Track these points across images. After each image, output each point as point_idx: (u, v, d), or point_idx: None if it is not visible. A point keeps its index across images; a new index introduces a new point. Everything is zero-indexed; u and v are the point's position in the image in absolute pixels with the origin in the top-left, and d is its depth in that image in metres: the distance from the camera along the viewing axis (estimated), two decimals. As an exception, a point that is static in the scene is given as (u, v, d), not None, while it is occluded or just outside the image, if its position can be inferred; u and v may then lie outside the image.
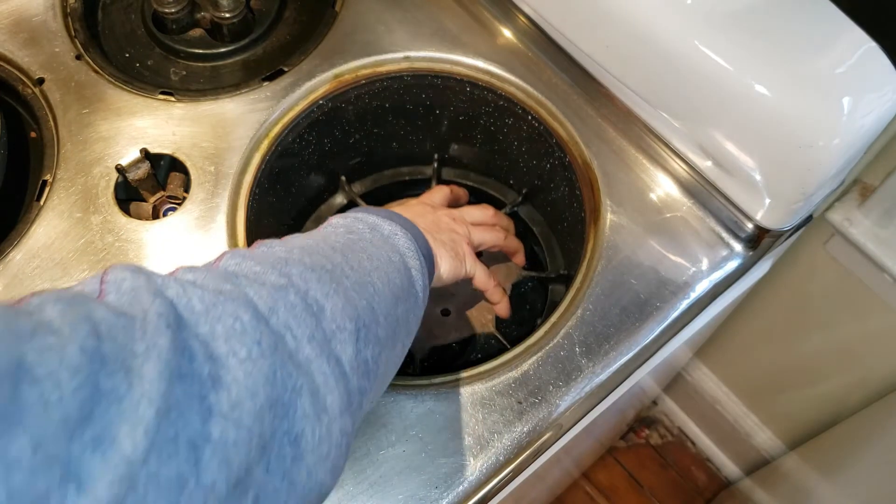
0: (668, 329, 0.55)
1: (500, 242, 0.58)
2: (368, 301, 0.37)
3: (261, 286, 0.32)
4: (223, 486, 0.26)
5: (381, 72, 0.65)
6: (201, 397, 0.27)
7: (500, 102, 0.66)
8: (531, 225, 0.76)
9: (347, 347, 0.34)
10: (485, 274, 0.54)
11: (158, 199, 0.61)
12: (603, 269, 0.56)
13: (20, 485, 0.20)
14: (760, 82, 0.50)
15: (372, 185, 0.78)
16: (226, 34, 0.68)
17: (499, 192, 0.78)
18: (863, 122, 0.49)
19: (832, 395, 0.97)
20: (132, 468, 0.23)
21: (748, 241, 0.58)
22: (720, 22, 0.51)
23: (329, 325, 0.34)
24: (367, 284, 0.38)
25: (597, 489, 1.34)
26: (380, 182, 0.78)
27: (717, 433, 1.29)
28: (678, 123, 0.57)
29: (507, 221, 0.62)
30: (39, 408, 0.21)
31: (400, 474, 0.49)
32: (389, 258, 0.42)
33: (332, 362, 0.33)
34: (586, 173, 0.61)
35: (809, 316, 0.93)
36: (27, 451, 0.20)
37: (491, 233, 0.56)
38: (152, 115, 0.61)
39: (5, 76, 0.63)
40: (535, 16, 0.63)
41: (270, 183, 0.63)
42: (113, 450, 0.23)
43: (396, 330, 0.40)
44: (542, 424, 0.51)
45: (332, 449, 0.32)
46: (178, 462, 0.25)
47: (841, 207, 0.73)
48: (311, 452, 0.31)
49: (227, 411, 0.27)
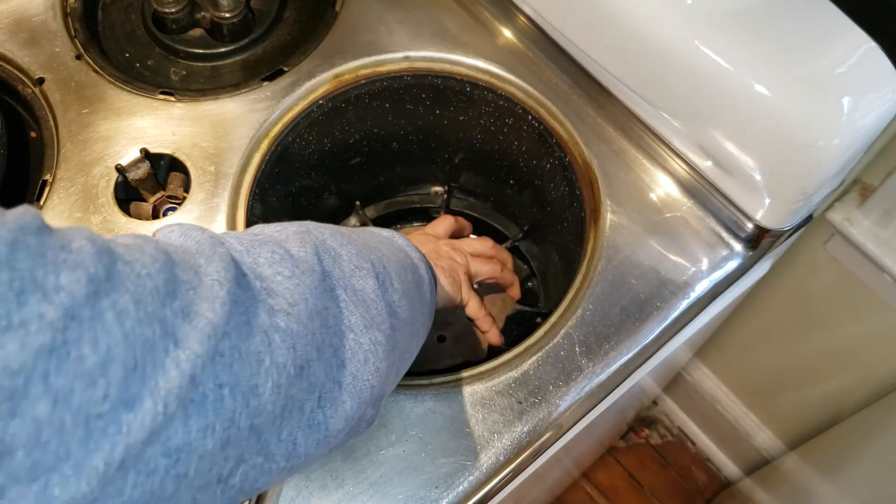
0: (668, 329, 0.55)
1: (496, 275, 0.59)
2: (380, 258, 0.41)
3: (285, 237, 0.37)
4: (292, 368, 0.31)
5: (381, 72, 0.65)
6: (262, 300, 0.31)
7: (500, 102, 0.66)
8: (530, 260, 0.77)
9: (368, 281, 0.39)
10: (477, 303, 0.56)
11: (158, 199, 0.61)
12: (603, 269, 0.56)
13: (131, 330, 0.24)
14: (760, 82, 0.50)
15: (385, 210, 0.82)
16: (226, 34, 0.68)
17: (502, 226, 0.80)
18: (863, 122, 0.49)
19: (832, 395, 0.97)
20: (216, 333, 0.27)
21: (748, 240, 0.58)
22: (720, 22, 0.51)
23: (347, 266, 0.38)
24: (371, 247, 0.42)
25: (597, 489, 1.34)
26: (393, 207, 0.82)
27: (717, 433, 1.29)
28: (678, 123, 0.57)
29: (506, 255, 0.63)
30: (134, 278, 0.25)
31: (400, 474, 0.49)
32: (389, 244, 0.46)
33: (351, 291, 0.37)
34: (586, 173, 0.61)
35: (809, 316, 0.93)
36: (131, 305, 0.25)
37: (488, 265, 0.58)
38: (152, 115, 0.61)
39: (5, 76, 0.63)
40: (535, 16, 0.63)
41: (270, 183, 0.63)
42: (199, 318, 0.27)
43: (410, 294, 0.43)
44: (542, 424, 0.51)
45: (368, 355, 0.37)
46: (254, 342, 0.29)
47: (841, 207, 0.73)
48: (350, 360, 0.36)
49: (287, 308, 0.32)
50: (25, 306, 0.22)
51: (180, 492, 0.27)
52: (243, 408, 0.28)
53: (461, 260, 0.56)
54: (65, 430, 0.22)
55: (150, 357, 0.25)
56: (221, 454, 0.28)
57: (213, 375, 0.27)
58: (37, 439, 0.22)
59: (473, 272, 0.57)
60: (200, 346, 0.26)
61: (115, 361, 0.23)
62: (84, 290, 0.23)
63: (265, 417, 0.30)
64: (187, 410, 0.26)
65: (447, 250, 0.56)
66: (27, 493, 0.22)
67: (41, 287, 0.22)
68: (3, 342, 0.21)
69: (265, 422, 0.30)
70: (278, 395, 0.30)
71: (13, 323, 0.21)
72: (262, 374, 0.29)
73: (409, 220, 0.83)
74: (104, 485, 0.24)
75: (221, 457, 0.28)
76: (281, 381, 0.30)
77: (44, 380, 0.22)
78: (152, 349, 0.25)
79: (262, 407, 0.29)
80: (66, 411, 0.22)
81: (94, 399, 0.23)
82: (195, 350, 0.26)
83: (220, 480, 0.29)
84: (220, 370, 0.28)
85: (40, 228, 0.23)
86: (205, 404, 0.27)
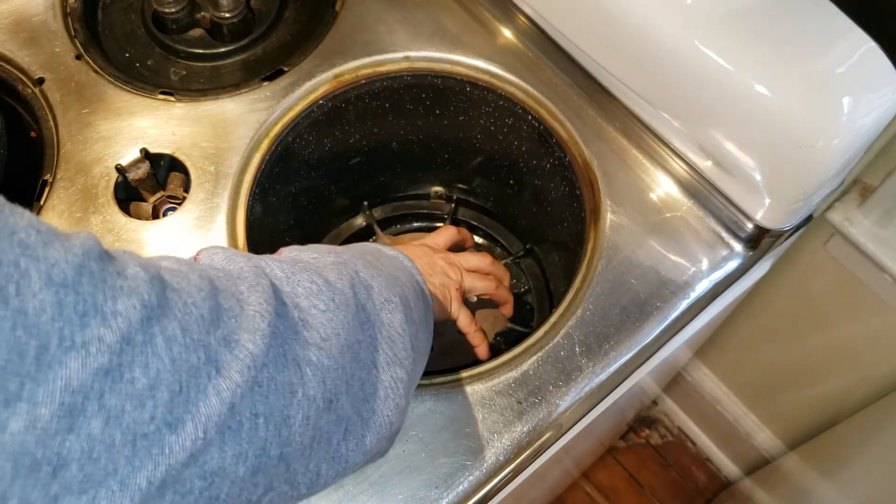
0: (668, 329, 0.55)
1: (490, 291, 0.60)
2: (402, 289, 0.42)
3: (322, 265, 0.38)
4: (321, 401, 0.32)
5: (381, 72, 0.65)
6: (297, 331, 0.33)
7: (500, 102, 0.66)
8: (529, 279, 0.77)
9: (396, 315, 0.40)
10: (467, 319, 0.57)
11: (158, 198, 0.61)
12: (603, 269, 0.56)
13: (178, 356, 0.26)
14: (760, 82, 0.50)
15: (392, 213, 0.83)
16: (226, 34, 0.68)
17: (506, 241, 0.80)
18: (863, 122, 0.49)
19: (832, 395, 0.97)
20: (256, 364, 0.29)
21: (748, 240, 0.58)
22: (720, 22, 0.51)
23: (378, 298, 0.39)
24: (395, 278, 0.43)
25: (597, 489, 1.34)
26: (400, 210, 0.83)
27: (717, 433, 1.29)
28: (678, 123, 0.57)
29: (503, 272, 0.64)
30: (181, 305, 0.27)
31: (400, 474, 0.49)
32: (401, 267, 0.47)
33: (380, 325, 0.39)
34: (586, 173, 0.61)
35: (809, 316, 0.93)
36: (178, 332, 0.26)
37: (483, 281, 0.59)
38: (152, 115, 0.61)
39: (5, 76, 0.63)
40: (535, 16, 0.63)
41: (270, 183, 0.63)
42: (239, 348, 0.29)
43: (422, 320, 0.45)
44: (542, 424, 0.51)
45: (388, 392, 0.38)
46: (289, 373, 0.31)
47: (841, 207, 0.73)
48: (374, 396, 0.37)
49: (319, 343, 0.33)
50: (87, 328, 0.23)
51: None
52: (275, 437, 0.30)
53: (455, 276, 0.56)
54: (114, 447, 0.24)
55: (194, 382, 0.26)
56: (251, 480, 0.29)
57: (251, 405, 0.29)
58: (89, 454, 0.23)
59: (468, 287, 0.58)
60: (240, 376, 0.28)
61: (162, 385, 0.25)
62: (139, 315, 0.25)
63: (294, 448, 0.31)
64: (224, 437, 0.27)
65: (443, 266, 0.56)
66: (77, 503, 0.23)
67: (101, 311, 0.24)
68: (66, 361, 0.22)
69: (294, 452, 0.31)
70: (307, 427, 0.32)
71: (76, 343, 0.23)
72: (294, 405, 0.31)
73: (409, 220, 0.83)
74: (145, 501, 0.25)
75: (251, 483, 0.29)
76: (310, 413, 0.32)
77: (99, 399, 0.23)
78: (196, 375, 0.26)
79: (292, 437, 0.31)
80: (116, 430, 0.24)
81: (142, 420, 0.24)
82: (235, 380, 0.28)
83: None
84: (258, 400, 0.29)
85: (101, 254, 0.25)
86: (240, 432, 0.28)
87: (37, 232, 0.24)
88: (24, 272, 0.22)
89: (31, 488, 0.22)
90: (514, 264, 0.78)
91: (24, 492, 0.22)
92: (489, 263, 0.61)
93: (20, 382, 0.22)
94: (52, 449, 0.22)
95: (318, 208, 0.76)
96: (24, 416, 0.22)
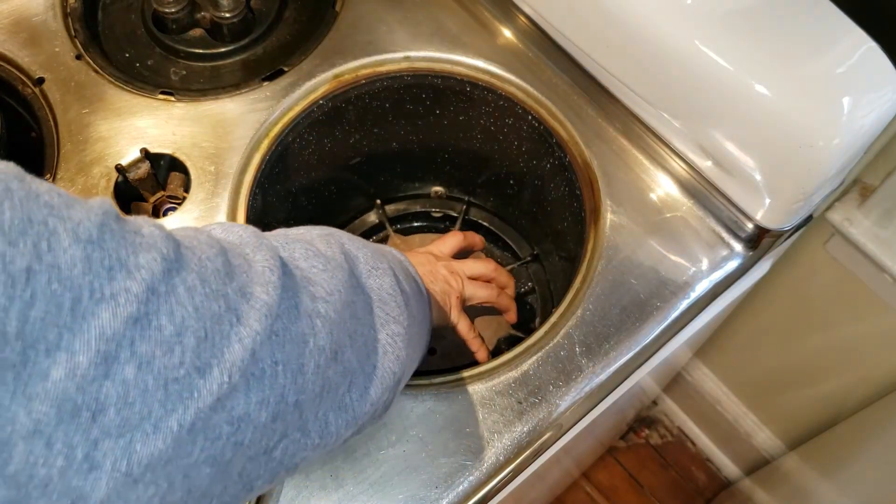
0: (668, 329, 0.55)
1: (492, 300, 0.61)
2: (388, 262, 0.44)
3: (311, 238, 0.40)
4: (329, 352, 0.34)
5: (381, 72, 0.65)
6: (304, 286, 0.34)
7: (500, 102, 0.66)
8: (535, 286, 0.77)
9: (385, 279, 0.41)
10: (466, 326, 0.58)
11: (158, 198, 0.61)
12: (603, 269, 0.56)
13: (200, 304, 0.27)
14: (760, 82, 0.50)
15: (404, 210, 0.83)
16: (226, 34, 0.68)
17: (515, 244, 0.80)
18: (863, 122, 0.49)
19: (832, 395, 0.97)
20: (271, 313, 0.30)
21: (748, 241, 0.58)
22: (720, 22, 0.51)
23: (364, 266, 0.41)
24: (380, 252, 0.44)
25: (597, 489, 1.34)
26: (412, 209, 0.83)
27: (717, 433, 1.29)
28: (678, 123, 0.57)
29: (506, 278, 0.64)
30: (196, 259, 0.28)
31: (400, 474, 0.49)
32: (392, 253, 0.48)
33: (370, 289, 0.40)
34: (586, 173, 0.61)
35: (809, 316, 0.93)
36: (198, 282, 0.28)
37: (484, 290, 0.60)
38: (152, 115, 0.61)
39: (5, 76, 0.63)
40: (535, 16, 0.63)
41: (270, 183, 0.63)
42: (255, 299, 0.30)
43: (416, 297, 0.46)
44: (542, 424, 0.51)
45: (387, 347, 0.39)
46: (301, 324, 0.32)
47: (841, 207, 0.73)
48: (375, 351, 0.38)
49: (325, 296, 0.35)
50: (115, 281, 0.24)
51: (235, 459, 0.29)
52: (292, 384, 0.31)
53: (455, 284, 0.57)
54: (147, 391, 0.25)
55: (218, 329, 0.28)
56: (271, 426, 0.31)
57: (270, 352, 0.30)
58: (125, 399, 0.24)
59: (468, 296, 0.58)
60: (259, 324, 0.29)
61: (188, 331, 0.26)
62: (160, 267, 0.26)
63: (307, 395, 0.32)
64: (249, 383, 0.29)
65: (444, 274, 0.57)
66: (115, 447, 0.24)
67: (125, 265, 0.25)
68: (98, 311, 0.24)
69: (307, 399, 0.33)
70: (318, 376, 0.33)
71: (106, 295, 0.24)
72: (307, 354, 0.32)
73: (420, 219, 0.83)
74: (177, 445, 0.26)
75: (271, 429, 0.31)
76: (321, 363, 0.33)
77: (130, 346, 0.24)
78: (219, 322, 0.28)
79: (306, 385, 0.32)
80: (148, 374, 0.25)
81: (172, 364, 0.26)
82: (255, 328, 0.29)
83: (266, 451, 0.31)
84: (276, 348, 0.30)
85: (118, 216, 0.27)
86: (263, 379, 0.29)
87: (58, 195, 0.25)
88: (53, 230, 0.23)
89: (73, 433, 0.23)
90: (520, 268, 0.78)
91: (66, 436, 0.23)
92: (493, 270, 0.62)
93: (59, 333, 0.23)
94: (90, 395, 0.24)
95: (319, 208, 0.76)
96: (64, 364, 0.23)
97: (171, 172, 0.61)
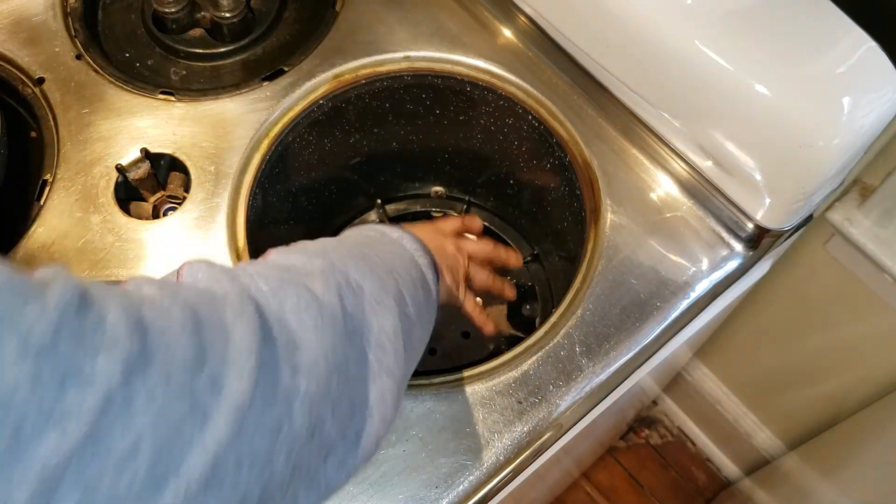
0: (668, 329, 0.55)
1: (488, 284, 0.61)
2: (396, 283, 0.42)
3: (309, 272, 0.37)
4: (305, 432, 0.31)
5: (381, 72, 0.65)
6: (286, 357, 0.31)
7: (500, 102, 0.66)
8: (535, 284, 0.77)
9: (388, 319, 0.39)
10: (472, 302, 0.58)
11: (158, 198, 0.61)
12: (603, 269, 0.56)
13: (162, 407, 0.25)
14: (760, 82, 0.50)
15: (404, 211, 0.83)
16: (226, 34, 0.68)
17: (515, 244, 0.81)
18: (863, 121, 0.49)
19: (832, 395, 0.97)
20: (242, 406, 0.28)
21: (748, 240, 0.58)
22: (720, 22, 0.51)
23: (369, 301, 0.38)
24: (390, 271, 0.42)
25: (597, 489, 1.34)
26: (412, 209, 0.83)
27: (717, 433, 1.29)
28: (678, 123, 0.57)
29: (503, 253, 0.64)
30: (164, 349, 0.26)
31: (400, 474, 0.49)
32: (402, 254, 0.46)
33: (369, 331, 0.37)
34: (586, 173, 0.61)
35: (809, 316, 0.93)
36: (162, 381, 0.25)
37: (482, 273, 0.60)
38: (152, 114, 0.61)
39: (5, 76, 0.63)
40: (535, 16, 0.63)
41: (271, 183, 0.63)
42: (226, 389, 0.27)
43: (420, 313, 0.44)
44: (542, 424, 0.51)
45: (376, 407, 0.37)
46: (276, 411, 0.30)
47: (841, 207, 0.73)
48: (361, 413, 0.36)
49: (308, 367, 0.32)
50: (66, 395, 0.22)
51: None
52: (257, 479, 0.29)
53: (462, 262, 0.57)
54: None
55: (178, 437, 0.25)
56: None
57: (235, 454, 0.27)
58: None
59: (471, 275, 0.59)
60: (226, 425, 0.27)
61: (145, 443, 0.24)
62: (120, 368, 0.24)
63: (275, 482, 0.30)
64: (207, 491, 0.26)
65: (452, 250, 0.57)
66: None
67: (80, 372, 0.23)
68: (43, 438, 0.21)
69: (274, 485, 0.30)
70: (289, 463, 0.31)
71: (54, 416, 0.22)
72: (278, 443, 0.30)
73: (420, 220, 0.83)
74: None
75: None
76: (294, 448, 0.31)
77: (76, 471, 0.22)
78: (180, 427, 0.25)
79: (273, 476, 0.30)
80: (95, 500, 0.23)
81: (122, 484, 0.23)
82: (221, 430, 0.27)
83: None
84: (242, 447, 0.28)
85: (79, 304, 0.24)
86: (223, 485, 0.27)
87: (10, 291, 0.22)
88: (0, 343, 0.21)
89: None
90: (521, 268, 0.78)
91: None
92: (491, 249, 0.62)
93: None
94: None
95: (319, 208, 0.76)
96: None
97: (171, 172, 0.61)
